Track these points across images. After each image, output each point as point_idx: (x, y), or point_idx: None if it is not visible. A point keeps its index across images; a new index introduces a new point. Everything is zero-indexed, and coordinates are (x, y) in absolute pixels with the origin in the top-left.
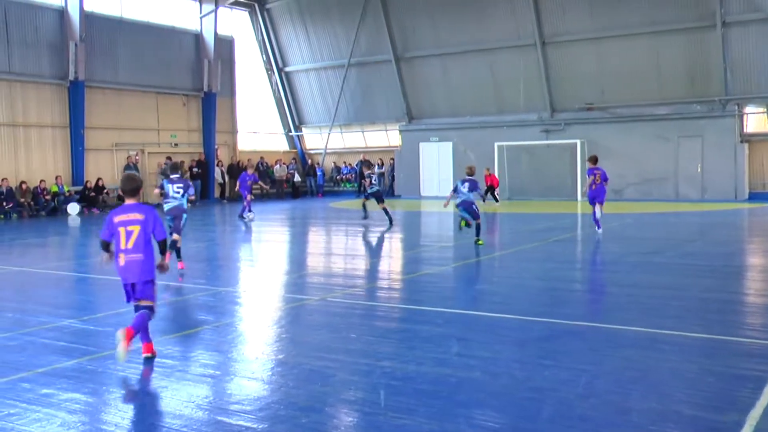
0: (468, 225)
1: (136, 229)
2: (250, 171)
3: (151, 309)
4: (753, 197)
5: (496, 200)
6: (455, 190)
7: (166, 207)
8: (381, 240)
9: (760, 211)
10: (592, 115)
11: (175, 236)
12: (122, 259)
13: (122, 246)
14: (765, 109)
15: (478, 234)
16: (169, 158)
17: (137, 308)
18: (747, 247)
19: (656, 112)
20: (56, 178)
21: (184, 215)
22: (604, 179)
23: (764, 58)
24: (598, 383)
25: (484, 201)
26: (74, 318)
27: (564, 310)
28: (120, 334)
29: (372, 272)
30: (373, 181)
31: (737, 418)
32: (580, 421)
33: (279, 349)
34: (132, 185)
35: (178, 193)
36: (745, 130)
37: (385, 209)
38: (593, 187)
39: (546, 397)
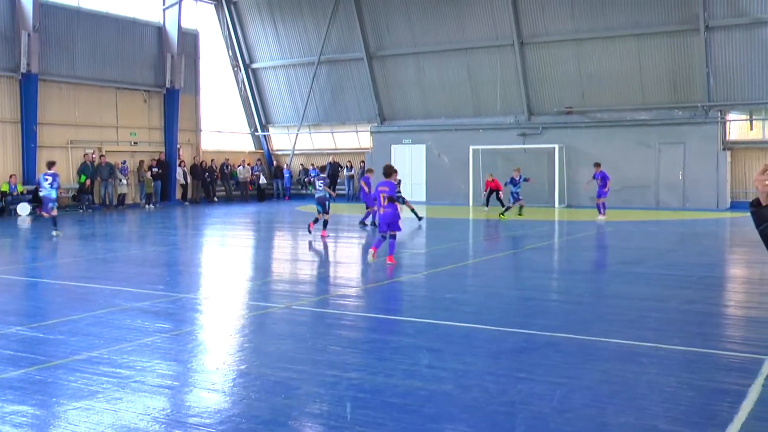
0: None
1: (385, 194)
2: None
3: (394, 236)
4: (735, 206)
5: (503, 204)
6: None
7: (315, 196)
8: (351, 246)
9: (742, 221)
10: (571, 119)
11: (321, 216)
12: (381, 210)
13: (381, 203)
14: (748, 116)
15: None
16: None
17: (388, 237)
18: (728, 257)
19: (637, 118)
20: (10, 177)
21: (327, 201)
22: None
23: (747, 63)
24: (575, 397)
25: (487, 206)
26: (22, 325)
27: (540, 321)
28: (389, 262)
29: (340, 279)
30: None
31: None
32: None
33: (241, 360)
34: (390, 170)
35: (321, 187)
36: (727, 138)
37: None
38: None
39: (520, 411)
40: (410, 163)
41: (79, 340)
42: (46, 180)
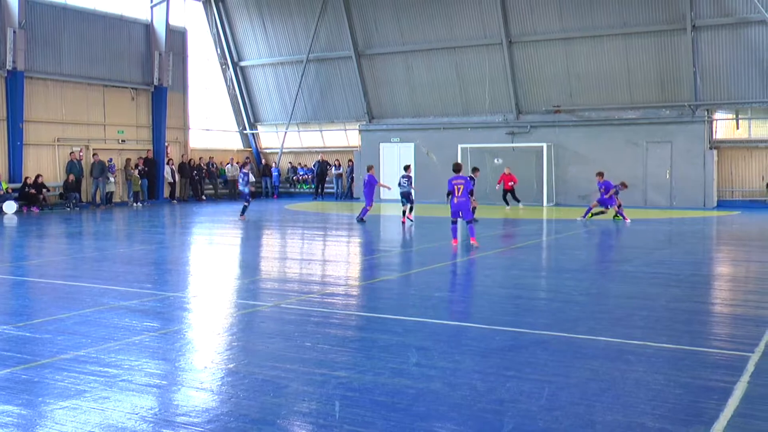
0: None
1: (461, 186)
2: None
3: (473, 221)
4: (721, 205)
5: (517, 201)
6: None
7: (400, 191)
8: (339, 245)
9: (728, 220)
10: (559, 118)
11: (406, 207)
12: (456, 200)
13: (456, 194)
14: (734, 116)
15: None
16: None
17: (467, 223)
18: (715, 256)
19: (625, 117)
20: None
21: (411, 195)
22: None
23: (734, 63)
24: (563, 395)
25: (518, 203)
26: (8, 324)
27: (528, 319)
28: (474, 243)
29: (328, 278)
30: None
31: (702, 430)
32: None
33: (229, 358)
34: (458, 167)
35: (405, 184)
36: (714, 137)
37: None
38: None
39: (508, 410)
40: (399, 161)
41: (66, 339)
42: (241, 178)
